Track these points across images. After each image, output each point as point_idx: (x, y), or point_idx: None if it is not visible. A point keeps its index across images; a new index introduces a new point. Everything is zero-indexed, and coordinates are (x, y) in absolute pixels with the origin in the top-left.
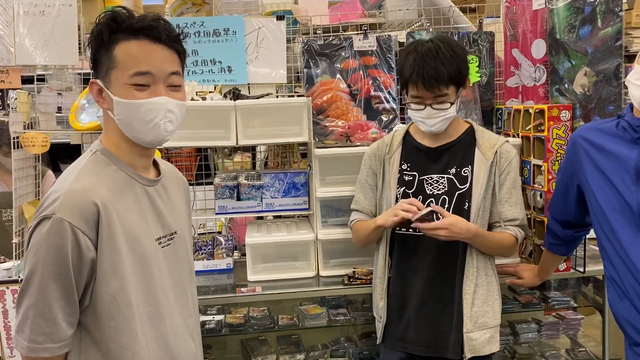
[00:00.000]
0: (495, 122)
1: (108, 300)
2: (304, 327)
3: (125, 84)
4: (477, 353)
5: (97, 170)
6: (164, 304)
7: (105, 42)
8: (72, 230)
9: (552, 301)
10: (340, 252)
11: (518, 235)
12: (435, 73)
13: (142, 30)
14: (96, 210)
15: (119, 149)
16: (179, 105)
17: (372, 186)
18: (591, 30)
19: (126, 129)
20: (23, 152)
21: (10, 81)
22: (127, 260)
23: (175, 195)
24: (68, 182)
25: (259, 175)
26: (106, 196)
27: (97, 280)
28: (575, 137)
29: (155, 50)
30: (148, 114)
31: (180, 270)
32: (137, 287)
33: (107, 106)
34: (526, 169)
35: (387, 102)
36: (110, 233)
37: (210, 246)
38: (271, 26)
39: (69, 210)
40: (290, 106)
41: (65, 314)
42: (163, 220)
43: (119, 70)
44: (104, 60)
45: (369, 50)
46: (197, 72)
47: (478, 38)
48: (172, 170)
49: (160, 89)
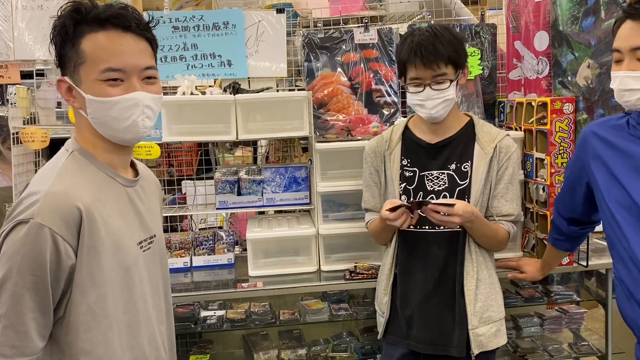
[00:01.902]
0: (498, 115)
1: (84, 311)
2: (305, 322)
3: (96, 80)
4: (484, 348)
5: (77, 170)
6: (142, 311)
7: (70, 36)
8: (52, 237)
9: (555, 295)
10: (342, 247)
11: (511, 231)
12: (433, 49)
13: (110, 19)
14: (78, 215)
15: (95, 148)
16: (155, 99)
17: (377, 183)
18: (594, 22)
19: (101, 128)
20: (23, 147)
21: (10, 76)
22: (109, 268)
23: (151, 196)
24: (47, 184)
25: (259, 169)
26: (88, 199)
27: (74, 289)
28: (586, 133)
29: (125, 41)
30: (124, 112)
31: (158, 274)
32: (118, 295)
33: (79, 105)
34: (529, 162)
35: (389, 95)
36: (92, 239)
37: (211, 241)
38: (271, 19)
39: (49, 214)
40: (290, 100)
41: (38, 325)
42: (143, 222)
43: (88, 66)
44: (71, 55)
45: (370, 43)
46: (196, 66)
47: (480, 30)
48: (146, 170)
49: (135, 84)
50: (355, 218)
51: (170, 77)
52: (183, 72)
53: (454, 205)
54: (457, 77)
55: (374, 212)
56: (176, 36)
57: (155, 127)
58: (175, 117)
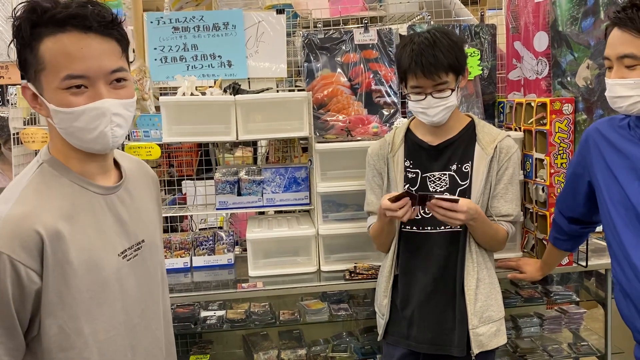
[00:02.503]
0: (497, 116)
1: (55, 332)
2: (305, 322)
3: (57, 88)
4: (484, 348)
5: (42, 187)
6: (127, 325)
7: (27, 40)
8: (11, 264)
9: (555, 295)
10: (342, 247)
11: (510, 231)
12: (434, 60)
13: (68, 20)
14: (39, 239)
15: (67, 158)
16: (126, 105)
17: (380, 186)
18: (594, 23)
19: (70, 138)
20: (23, 148)
21: (10, 77)
22: (82, 287)
23: (142, 196)
24: (7, 206)
25: (259, 170)
26: (53, 219)
27: (43, 311)
28: (590, 132)
29: (87, 44)
30: (91, 122)
31: (150, 280)
32: (95, 313)
33: (46, 113)
34: (528, 162)
35: (388, 96)
36: (57, 261)
37: (211, 241)
38: (271, 20)
39: (7, 240)
40: (290, 100)
41: (7, 348)
42: (127, 230)
43: (49, 73)
44: (31, 60)
45: (369, 43)
46: (196, 67)
47: (480, 31)
48: (138, 166)
49: (100, 90)
50: (355, 218)
51: (170, 78)
52: (183, 72)
53: (457, 201)
54: (458, 84)
55: (377, 215)
56: (176, 37)
57: (155, 128)
58: (175, 117)
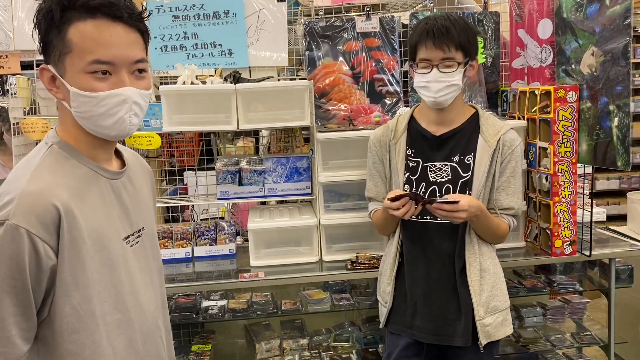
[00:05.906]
0: (501, 105)
1: (68, 313)
2: (307, 312)
3: (82, 71)
4: (492, 338)
5: (55, 166)
6: (133, 309)
7: (56, 22)
8: (29, 238)
9: (558, 285)
10: (343, 237)
11: (511, 225)
12: (446, 32)
13: (100, 7)
14: (57, 214)
15: (77, 141)
16: (144, 95)
17: (380, 173)
18: (599, 9)
19: (85, 122)
20: (24, 137)
21: (10, 66)
22: (93, 267)
23: (141, 186)
24: (22, 182)
25: (260, 160)
26: (67, 197)
27: (57, 291)
28: None
29: (115, 32)
30: (111, 108)
31: (151, 268)
32: (104, 295)
33: (62, 96)
34: (532, 151)
35: (391, 84)
36: (72, 239)
37: (213, 231)
38: (272, 8)
39: (25, 215)
40: (291, 89)
41: (21, 329)
42: (130, 217)
43: (74, 56)
44: (56, 43)
45: (371, 31)
46: (197, 56)
47: (483, 18)
48: (136, 158)
49: (124, 78)
50: (357, 208)
51: (170, 67)
52: (183, 61)
53: (457, 202)
54: (465, 64)
55: (377, 201)
56: (176, 25)
57: (155, 117)
58: (175, 107)
